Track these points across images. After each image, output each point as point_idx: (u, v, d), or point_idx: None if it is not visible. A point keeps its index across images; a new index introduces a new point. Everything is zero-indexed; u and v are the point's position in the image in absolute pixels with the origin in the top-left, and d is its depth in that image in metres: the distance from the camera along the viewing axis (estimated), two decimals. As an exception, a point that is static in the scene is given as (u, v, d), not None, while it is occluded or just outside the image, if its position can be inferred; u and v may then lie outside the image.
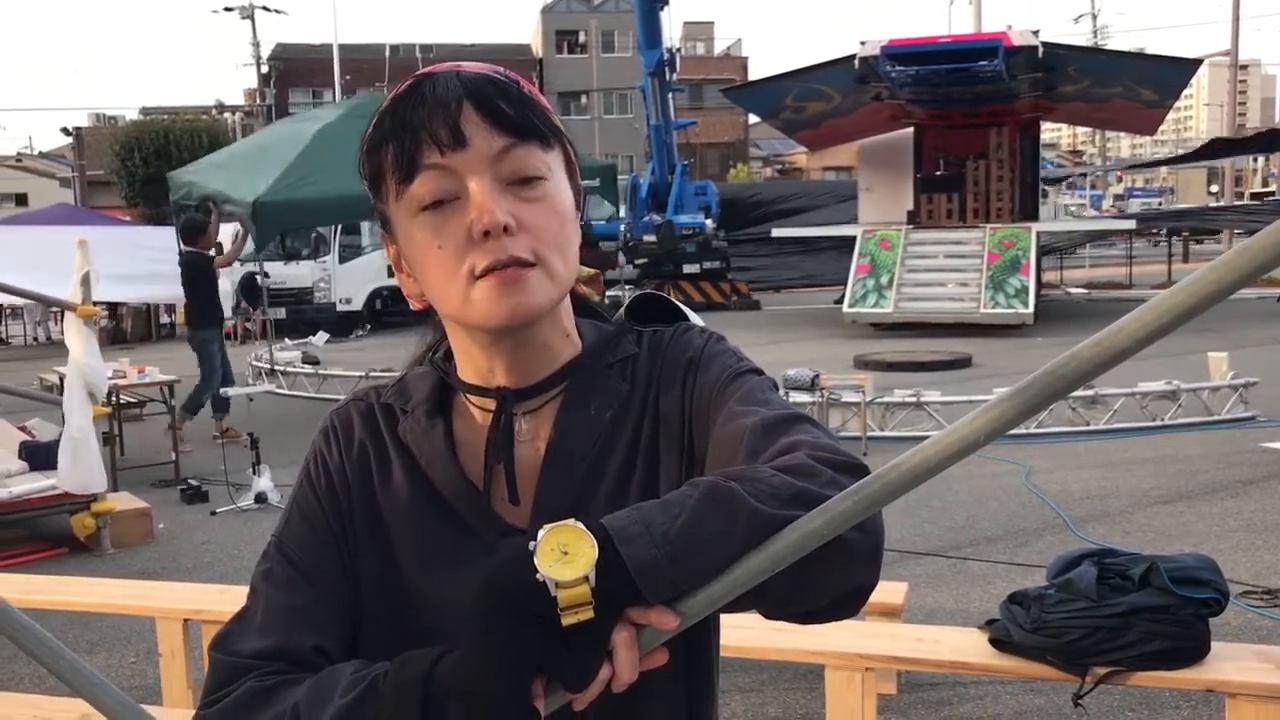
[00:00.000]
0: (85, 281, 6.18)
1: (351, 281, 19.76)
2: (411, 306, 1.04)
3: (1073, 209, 34.46)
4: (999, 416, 0.68)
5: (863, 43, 16.58)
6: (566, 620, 0.74)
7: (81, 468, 6.12)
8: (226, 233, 11.32)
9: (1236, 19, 31.41)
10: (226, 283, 12.14)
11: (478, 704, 0.76)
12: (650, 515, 0.78)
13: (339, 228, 18.62)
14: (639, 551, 0.76)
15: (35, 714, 3.04)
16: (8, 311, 22.08)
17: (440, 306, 0.99)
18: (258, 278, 16.97)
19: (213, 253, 9.77)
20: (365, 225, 18.62)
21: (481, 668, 0.76)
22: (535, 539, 0.76)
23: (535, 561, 0.75)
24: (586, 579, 0.74)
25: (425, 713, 0.79)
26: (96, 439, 6.29)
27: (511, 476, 1.00)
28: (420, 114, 0.93)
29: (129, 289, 17.09)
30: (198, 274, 9.56)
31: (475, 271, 0.93)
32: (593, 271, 1.14)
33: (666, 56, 20.51)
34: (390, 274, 1.04)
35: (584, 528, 0.76)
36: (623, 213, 19.51)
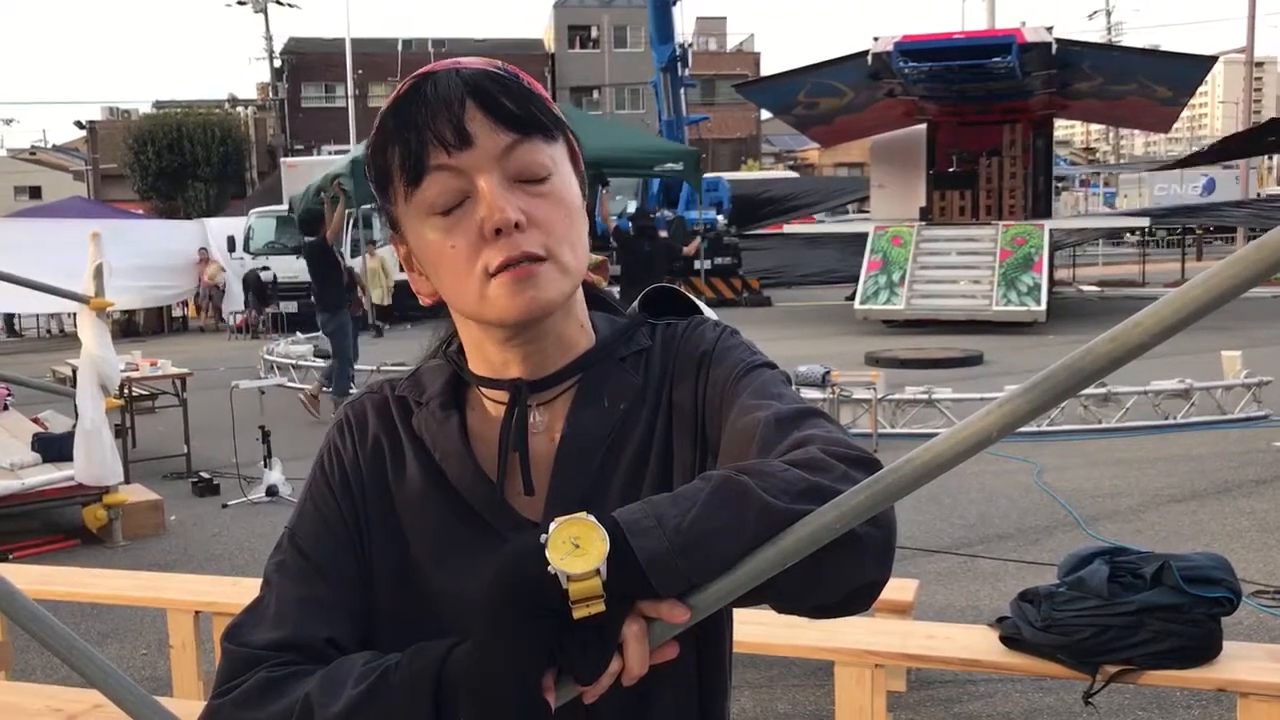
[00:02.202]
0: (98, 274, 6.21)
1: (364, 275, 19.75)
2: (422, 303, 1.04)
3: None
4: (1013, 411, 0.67)
5: (876, 39, 16.52)
6: (578, 613, 0.75)
7: (96, 460, 6.15)
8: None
9: (1252, 15, 31.17)
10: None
11: (489, 696, 0.76)
12: (662, 508, 0.78)
13: (350, 222, 18.63)
14: (650, 544, 0.76)
15: (48, 704, 3.05)
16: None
17: (455, 304, 0.99)
18: (260, 275, 17.02)
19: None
20: (376, 219, 18.61)
21: (492, 660, 0.76)
22: (547, 531, 0.76)
23: (547, 554, 0.75)
24: (598, 572, 0.74)
25: (437, 704, 0.80)
26: (109, 431, 6.33)
27: (526, 467, 1.00)
28: (423, 114, 0.93)
29: (139, 294, 17.25)
30: (321, 259, 9.67)
31: (489, 269, 0.93)
32: (600, 258, 1.14)
33: (679, 52, 20.49)
34: (402, 269, 1.04)
35: (595, 521, 0.76)
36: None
